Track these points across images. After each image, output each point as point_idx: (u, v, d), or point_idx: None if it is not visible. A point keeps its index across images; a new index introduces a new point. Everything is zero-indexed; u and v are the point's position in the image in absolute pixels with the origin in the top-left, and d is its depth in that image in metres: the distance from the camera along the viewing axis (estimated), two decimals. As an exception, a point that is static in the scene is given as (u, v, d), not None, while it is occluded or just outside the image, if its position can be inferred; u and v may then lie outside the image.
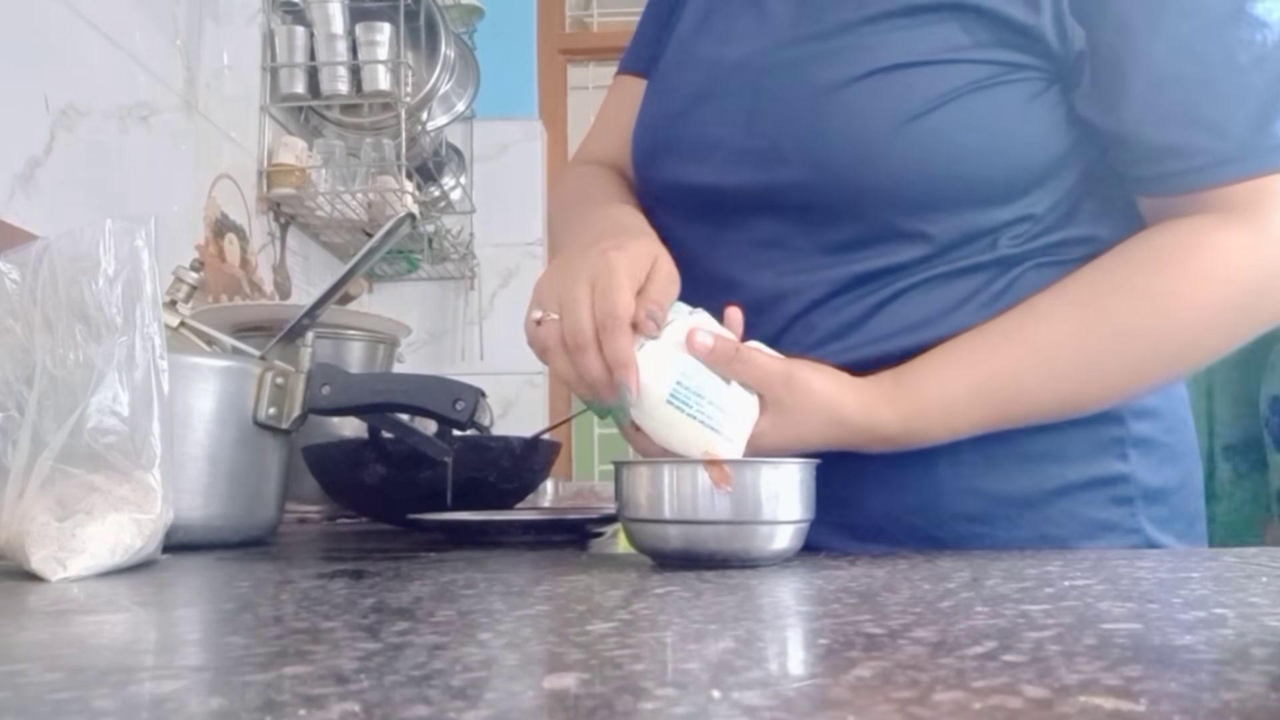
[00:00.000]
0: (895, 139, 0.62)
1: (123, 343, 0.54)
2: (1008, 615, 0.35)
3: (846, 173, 0.64)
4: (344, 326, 1.34)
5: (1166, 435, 0.70)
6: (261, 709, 0.23)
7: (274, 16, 1.82)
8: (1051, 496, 0.67)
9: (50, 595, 0.44)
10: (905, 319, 0.65)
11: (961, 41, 0.63)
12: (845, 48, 0.65)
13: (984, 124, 0.62)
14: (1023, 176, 0.65)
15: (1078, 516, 0.67)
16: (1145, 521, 0.68)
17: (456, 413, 0.73)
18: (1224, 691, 0.24)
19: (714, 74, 0.72)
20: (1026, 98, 0.63)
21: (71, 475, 0.51)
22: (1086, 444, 0.67)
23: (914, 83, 0.62)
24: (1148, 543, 0.68)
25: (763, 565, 0.52)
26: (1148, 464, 0.68)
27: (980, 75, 0.62)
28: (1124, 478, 0.67)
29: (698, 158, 0.71)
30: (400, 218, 0.82)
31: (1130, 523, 0.67)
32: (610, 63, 3.08)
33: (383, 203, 1.89)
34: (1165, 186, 0.62)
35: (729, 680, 0.25)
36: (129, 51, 1.34)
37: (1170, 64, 0.60)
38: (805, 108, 0.65)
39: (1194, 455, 0.74)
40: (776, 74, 0.67)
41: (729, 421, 0.56)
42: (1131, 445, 0.68)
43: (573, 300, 0.57)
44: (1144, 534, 0.68)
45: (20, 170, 1.10)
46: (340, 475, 0.97)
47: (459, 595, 0.42)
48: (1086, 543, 0.66)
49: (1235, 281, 0.60)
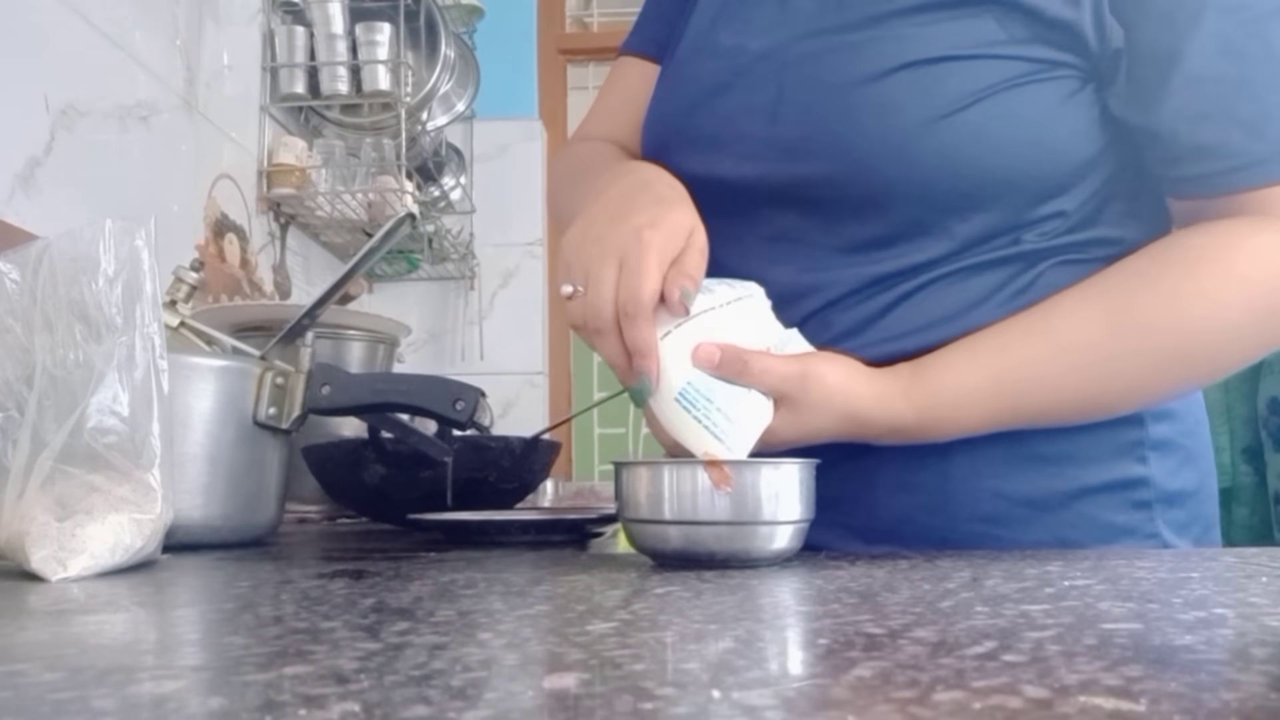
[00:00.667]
0: (929, 134, 0.61)
1: (123, 343, 0.54)
2: (1008, 615, 0.35)
3: (877, 168, 0.62)
4: (344, 326, 1.34)
5: (1185, 438, 0.69)
6: (261, 709, 0.23)
7: (274, 16, 1.82)
8: (1068, 499, 0.66)
9: (50, 595, 0.44)
10: (926, 314, 0.64)
11: (997, 36, 0.61)
12: (875, 39, 0.63)
13: (1019, 122, 0.61)
14: (1055, 176, 0.63)
15: (1095, 520, 0.66)
16: (1163, 526, 0.66)
17: (456, 413, 0.73)
18: (1224, 691, 0.24)
19: (734, 64, 0.70)
20: (1063, 96, 0.62)
21: (71, 475, 0.51)
22: (1105, 446, 0.66)
23: (948, 77, 0.61)
24: (1164, 547, 0.66)
25: (763, 565, 0.52)
26: (1166, 467, 0.67)
27: (1016, 72, 0.61)
28: (1143, 481, 0.66)
29: (716, 149, 0.69)
30: (400, 218, 0.82)
31: (1148, 527, 0.66)
32: (610, 63, 3.07)
33: (383, 203, 1.89)
34: (1201, 188, 0.61)
35: (729, 680, 0.25)
36: (129, 51, 1.34)
37: (1210, 62, 0.58)
38: (835, 101, 0.63)
39: (1210, 458, 0.73)
40: (802, 65, 0.66)
41: (734, 430, 0.55)
42: (1151, 448, 0.66)
43: (598, 280, 0.55)
44: (1161, 538, 0.66)
45: (20, 170, 1.10)
46: (340, 475, 0.97)
47: (459, 595, 0.42)
48: (1103, 547, 0.65)
49: (1270, 285, 0.58)
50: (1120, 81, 0.61)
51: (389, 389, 0.76)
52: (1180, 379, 0.62)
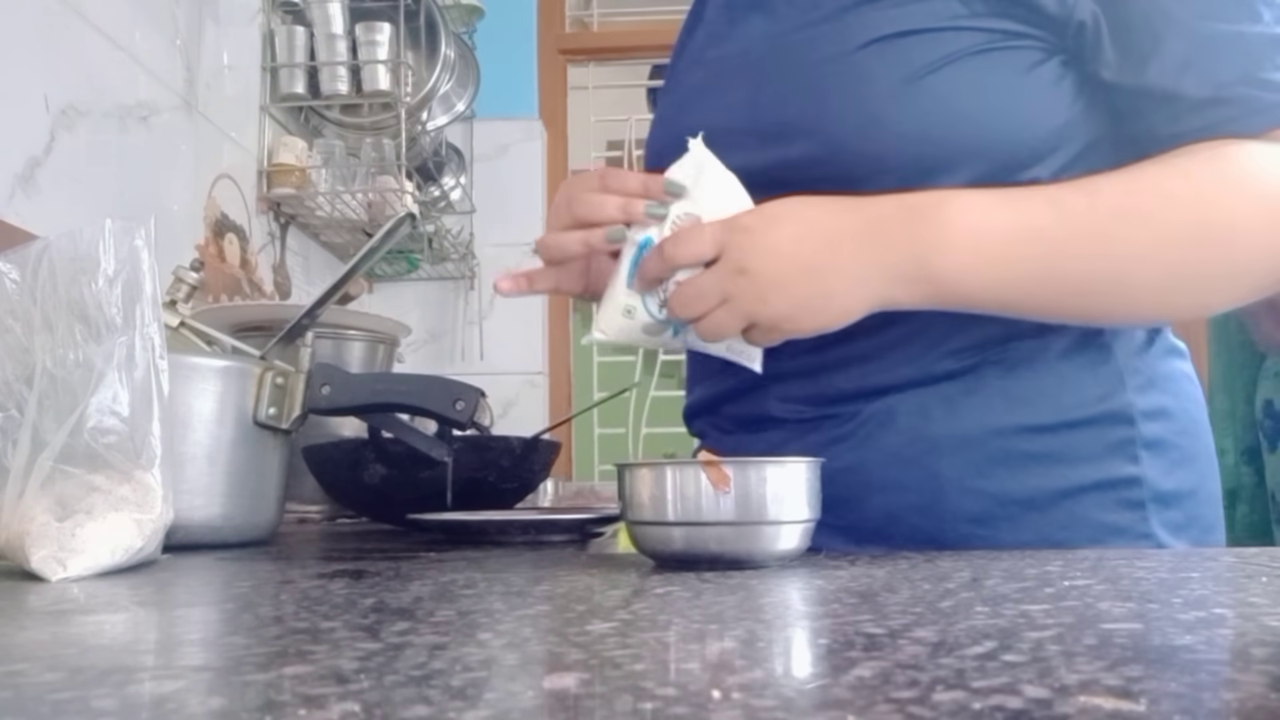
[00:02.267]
0: (897, 102, 0.63)
1: (123, 343, 0.54)
2: (1008, 615, 0.35)
3: (851, 140, 0.64)
4: (344, 326, 1.34)
5: (1179, 437, 0.69)
6: (261, 709, 0.23)
7: (274, 16, 1.82)
8: (1058, 498, 0.65)
9: (50, 595, 0.44)
10: None
11: (959, 11, 0.64)
12: (845, 24, 0.66)
13: (984, 88, 0.63)
14: (1026, 144, 0.64)
15: (1085, 520, 0.65)
16: (1157, 526, 0.66)
17: (456, 413, 0.73)
18: (1224, 691, 0.24)
19: (716, 69, 0.73)
20: (1027, 66, 0.64)
21: (71, 475, 0.51)
22: (1095, 445, 0.66)
23: (914, 48, 0.63)
24: (1159, 548, 0.66)
25: (770, 566, 0.52)
26: (1160, 466, 0.67)
27: (978, 41, 0.63)
28: (1135, 480, 0.66)
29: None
30: (400, 218, 0.82)
31: (1141, 527, 0.66)
32: (610, 63, 3.08)
33: (383, 203, 1.89)
34: (1214, 134, 0.60)
35: (729, 680, 0.25)
36: (129, 51, 1.34)
37: (1203, 22, 0.59)
38: (807, 80, 0.66)
39: (1210, 460, 0.72)
40: (778, 56, 0.68)
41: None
42: (1143, 447, 0.66)
43: (584, 195, 0.64)
44: (1155, 538, 0.66)
45: (20, 170, 1.10)
46: (340, 475, 0.97)
47: (459, 595, 0.42)
48: (1095, 546, 0.65)
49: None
50: (1106, 49, 0.62)
51: (389, 389, 0.76)
52: (1199, 262, 0.60)
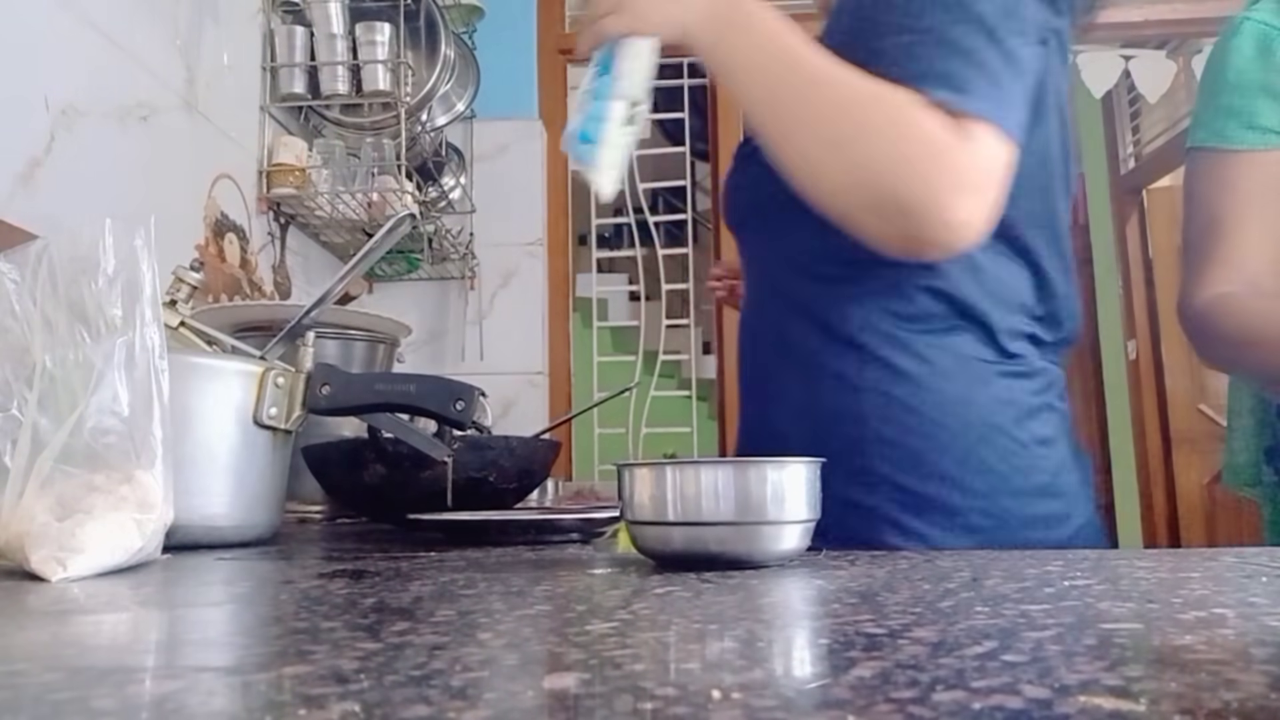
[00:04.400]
0: None
1: (123, 343, 0.54)
2: (1008, 615, 0.35)
3: None
4: (344, 326, 1.34)
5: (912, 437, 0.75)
6: (261, 709, 0.23)
7: (274, 16, 1.82)
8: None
9: (50, 595, 0.44)
10: None
11: None
12: None
13: None
14: None
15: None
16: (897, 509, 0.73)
17: (456, 413, 0.73)
18: (1224, 691, 0.24)
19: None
20: None
21: (71, 475, 0.51)
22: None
23: None
24: (894, 523, 0.73)
25: (769, 566, 0.52)
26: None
27: None
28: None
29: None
30: (400, 218, 0.82)
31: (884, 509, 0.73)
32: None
33: (383, 203, 1.89)
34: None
35: (729, 680, 0.25)
36: (129, 51, 1.34)
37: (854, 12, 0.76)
38: None
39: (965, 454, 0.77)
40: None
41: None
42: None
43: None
44: (897, 523, 0.73)
45: (20, 170, 1.10)
46: (340, 475, 0.97)
47: (459, 595, 0.42)
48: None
49: (898, 115, 0.66)
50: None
51: (389, 389, 0.76)
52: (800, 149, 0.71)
